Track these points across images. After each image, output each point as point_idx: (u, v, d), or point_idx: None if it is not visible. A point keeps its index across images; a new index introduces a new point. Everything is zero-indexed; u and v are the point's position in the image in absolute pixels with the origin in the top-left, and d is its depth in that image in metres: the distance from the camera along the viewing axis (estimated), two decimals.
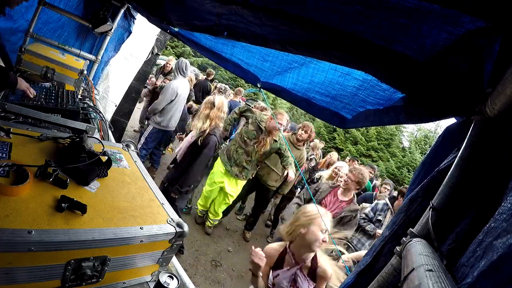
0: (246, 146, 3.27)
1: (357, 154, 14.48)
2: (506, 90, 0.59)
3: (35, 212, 0.72)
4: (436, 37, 0.75)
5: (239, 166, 3.32)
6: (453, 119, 0.91)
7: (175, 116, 4.10)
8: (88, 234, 0.74)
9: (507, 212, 0.50)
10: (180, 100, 4.04)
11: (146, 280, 0.99)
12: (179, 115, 4.21)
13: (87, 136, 1.09)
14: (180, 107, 4.10)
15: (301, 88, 1.44)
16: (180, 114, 4.22)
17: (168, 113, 3.99)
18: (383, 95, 1.11)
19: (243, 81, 14.99)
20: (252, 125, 3.31)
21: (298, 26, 1.01)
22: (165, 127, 4.10)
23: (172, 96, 3.91)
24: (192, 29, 1.67)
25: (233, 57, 1.66)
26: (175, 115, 4.09)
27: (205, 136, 2.79)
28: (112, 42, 2.85)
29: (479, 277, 0.47)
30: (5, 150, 0.88)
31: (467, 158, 0.71)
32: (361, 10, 0.83)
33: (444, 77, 0.79)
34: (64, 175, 0.89)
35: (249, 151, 3.26)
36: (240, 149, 3.31)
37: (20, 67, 2.03)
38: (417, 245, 0.68)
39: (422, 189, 0.85)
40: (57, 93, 1.76)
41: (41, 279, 0.71)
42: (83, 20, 2.50)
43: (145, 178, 1.13)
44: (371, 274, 0.88)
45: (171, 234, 0.93)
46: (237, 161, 3.30)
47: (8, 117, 1.24)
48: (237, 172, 3.34)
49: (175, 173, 2.97)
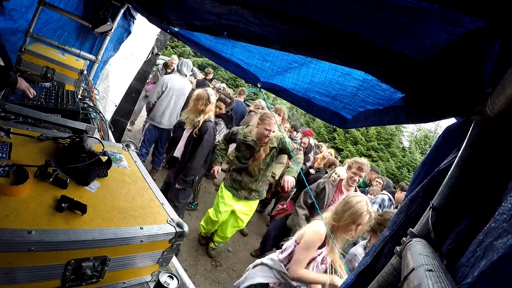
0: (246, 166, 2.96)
1: (357, 154, 14.47)
2: (506, 90, 0.59)
3: (35, 212, 0.72)
4: (436, 37, 0.75)
5: (245, 189, 3.02)
6: (453, 119, 0.91)
7: (167, 111, 4.08)
8: (88, 234, 0.74)
9: (507, 212, 0.49)
10: (172, 94, 4.05)
11: (146, 280, 0.99)
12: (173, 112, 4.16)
13: (87, 136, 1.09)
14: (172, 102, 4.09)
15: (301, 88, 1.45)
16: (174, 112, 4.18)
17: (160, 107, 4.04)
18: (383, 95, 1.11)
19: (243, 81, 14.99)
20: (241, 146, 2.98)
21: (298, 26, 1.01)
22: (158, 124, 4.12)
23: (162, 87, 4.01)
24: (192, 29, 1.67)
25: (233, 57, 1.66)
26: (167, 111, 4.08)
27: (200, 126, 2.81)
28: (111, 42, 2.86)
29: (479, 277, 0.47)
30: (5, 150, 0.88)
31: (467, 158, 0.71)
32: (361, 10, 0.82)
33: (444, 77, 0.79)
34: (64, 175, 0.89)
35: (250, 171, 2.96)
36: (241, 172, 3.00)
37: (20, 67, 2.03)
38: (417, 245, 0.68)
39: (422, 189, 0.85)
40: (57, 93, 1.76)
41: (41, 279, 0.71)
42: (83, 20, 2.51)
43: (145, 178, 1.13)
44: (371, 274, 0.88)
45: (171, 234, 0.93)
46: (242, 183, 3.00)
47: (8, 117, 1.24)
48: (246, 195, 3.04)
49: (179, 168, 2.96)
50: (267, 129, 2.77)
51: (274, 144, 2.91)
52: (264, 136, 2.81)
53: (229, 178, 3.08)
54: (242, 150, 2.97)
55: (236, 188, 3.02)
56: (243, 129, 3.03)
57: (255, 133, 2.89)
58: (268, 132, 2.78)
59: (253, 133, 2.91)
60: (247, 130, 2.99)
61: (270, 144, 2.90)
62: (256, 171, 2.95)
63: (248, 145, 2.91)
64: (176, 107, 4.19)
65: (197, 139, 2.84)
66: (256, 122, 2.91)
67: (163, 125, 4.15)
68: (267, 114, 2.87)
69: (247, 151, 2.94)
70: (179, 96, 4.16)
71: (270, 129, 2.78)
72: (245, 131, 2.99)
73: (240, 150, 2.98)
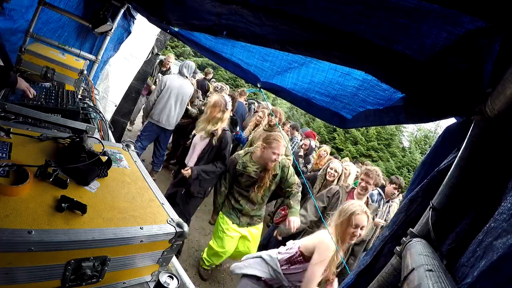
0: (248, 193, 2.68)
1: (357, 154, 14.48)
2: (506, 90, 0.59)
3: (35, 212, 0.72)
4: (436, 37, 0.75)
5: (247, 216, 2.75)
6: (453, 119, 0.91)
7: (165, 110, 4.10)
8: (88, 234, 0.74)
9: (507, 212, 0.50)
10: (170, 93, 4.08)
11: (146, 280, 0.99)
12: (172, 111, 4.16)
13: (87, 136, 1.09)
14: (171, 101, 4.10)
15: (301, 88, 1.45)
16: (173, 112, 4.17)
17: (158, 104, 4.10)
18: (383, 95, 1.12)
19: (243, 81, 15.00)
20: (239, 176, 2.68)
21: (298, 26, 1.01)
22: (157, 122, 4.14)
23: (161, 86, 4.10)
24: (191, 28, 1.67)
25: (233, 57, 1.66)
26: (165, 109, 4.10)
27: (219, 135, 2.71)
28: (111, 42, 2.86)
29: (479, 277, 0.47)
30: (5, 150, 0.88)
31: (467, 158, 0.71)
32: (361, 10, 0.83)
33: (444, 77, 0.79)
34: (64, 175, 0.88)
35: (253, 199, 2.69)
36: (241, 198, 2.72)
37: (20, 67, 2.03)
38: (417, 245, 0.68)
39: (422, 189, 0.85)
40: (57, 93, 1.76)
41: (41, 279, 0.71)
42: (83, 20, 2.51)
43: (145, 178, 1.13)
44: (371, 274, 0.88)
45: (171, 234, 0.93)
46: (243, 211, 2.72)
47: (8, 117, 1.24)
48: (248, 221, 2.76)
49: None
50: (275, 153, 2.50)
51: (277, 171, 2.65)
52: (271, 161, 2.52)
53: (227, 205, 2.77)
54: (241, 180, 2.68)
55: (238, 216, 2.73)
56: (240, 157, 2.72)
57: (259, 157, 2.61)
58: (276, 156, 2.51)
59: (256, 156, 2.63)
60: (246, 158, 2.69)
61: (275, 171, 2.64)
62: (259, 199, 2.70)
63: (249, 176, 2.63)
64: (175, 107, 4.18)
65: (216, 149, 2.71)
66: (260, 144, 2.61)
67: (161, 124, 4.15)
68: (274, 136, 2.58)
69: (248, 181, 2.65)
70: (178, 96, 4.15)
71: (278, 153, 2.51)
72: (243, 160, 2.68)
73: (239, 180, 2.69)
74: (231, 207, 2.73)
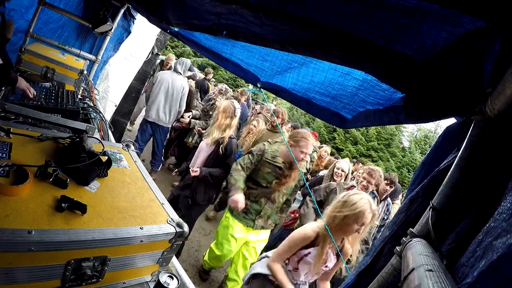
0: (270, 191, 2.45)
1: (357, 154, 14.48)
2: (506, 90, 0.59)
3: (35, 212, 0.72)
4: (436, 37, 0.75)
5: (263, 217, 2.52)
6: (453, 119, 0.91)
7: (154, 104, 4.13)
8: (88, 234, 0.74)
9: (506, 212, 0.50)
10: (160, 87, 4.12)
11: (146, 280, 0.99)
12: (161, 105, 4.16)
13: (87, 136, 1.09)
14: (160, 95, 4.12)
15: (301, 88, 1.45)
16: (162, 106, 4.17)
17: (149, 100, 4.20)
18: (383, 95, 1.12)
19: (243, 81, 14.99)
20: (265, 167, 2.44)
21: (298, 26, 1.01)
22: (147, 117, 4.20)
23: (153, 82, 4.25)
24: (191, 28, 1.67)
25: (233, 57, 1.66)
26: (154, 104, 4.13)
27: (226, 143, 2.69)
28: (111, 42, 2.86)
29: (479, 277, 0.47)
30: (5, 150, 0.88)
31: (467, 158, 0.71)
32: (361, 10, 0.83)
33: (444, 77, 0.79)
34: (64, 175, 0.88)
35: (274, 198, 2.48)
36: (261, 198, 2.47)
37: (20, 67, 2.03)
38: (417, 245, 0.68)
39: (422, 189, 0.85)
40: (57, 93, 1.76)
41: (41, 279, 0.71)
42: (83, 20, 2.51)
43: (145, 178, 1.13)
44: (371, 274, 0.88)
45: (171, 234, 0.93)
46: (261, 213, 2.49)
47: (8, 117, 1.24)
48: (263, 224, 2.53)
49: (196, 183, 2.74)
50: (303, 152, 2.33)
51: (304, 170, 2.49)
52: (298, 160, 2.33)
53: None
54: (266, 171, 2.44)
55: (253, 219, 2.49)
56: (270, 146, 2.50)
57: (284, 153, 2.41)
58: (304, 155, 2.35)
59: (281, 153, 2.44)
60: (274, 147, 2.49)
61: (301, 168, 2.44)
62: (279, 198, 2.51)
63: (277, 167, 2.41)
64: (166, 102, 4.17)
65: (221, 156, 2.69)
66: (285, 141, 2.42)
67: (151, 118, 4.17)
68: (302, 134, 2.41)
69: (271, 174, 2.42)
70: (169, 91, 4.15)
71: (306, 153, 2.34)
72: (273, 148, 2.47)
73: (264, 171, 2.45)
74: (247, 208, 2.47)
